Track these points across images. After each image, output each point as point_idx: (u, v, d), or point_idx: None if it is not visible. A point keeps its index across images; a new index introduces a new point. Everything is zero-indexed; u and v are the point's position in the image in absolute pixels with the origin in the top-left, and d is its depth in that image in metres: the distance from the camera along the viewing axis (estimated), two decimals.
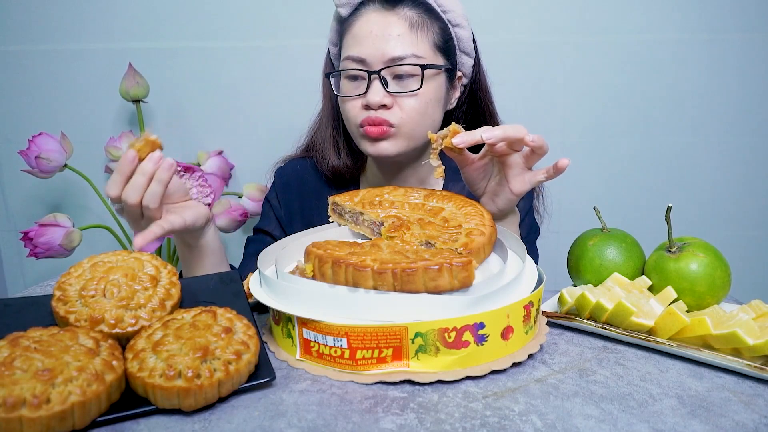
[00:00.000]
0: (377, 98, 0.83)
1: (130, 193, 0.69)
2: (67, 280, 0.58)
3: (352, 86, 0.87)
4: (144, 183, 0.69)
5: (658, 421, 0.49)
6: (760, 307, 0.64)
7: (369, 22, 0.85)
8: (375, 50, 0.83)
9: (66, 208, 1.42)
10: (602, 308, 0.65)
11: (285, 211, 1.00)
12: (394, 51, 0.83)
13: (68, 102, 1.36)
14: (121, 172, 0.69)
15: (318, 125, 1.00)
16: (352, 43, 0.86)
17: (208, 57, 1.33)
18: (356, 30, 0.86)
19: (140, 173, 0.69)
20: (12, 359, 0.46)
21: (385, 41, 0.83)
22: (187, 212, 0.77)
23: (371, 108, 0.85)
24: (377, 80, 0.84)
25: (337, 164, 0.97)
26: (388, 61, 0.83)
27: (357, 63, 0.85)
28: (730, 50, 1.32)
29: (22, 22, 1.33)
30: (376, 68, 0.84)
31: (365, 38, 0.84)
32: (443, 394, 0.53)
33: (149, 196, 0.69)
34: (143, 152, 0.69)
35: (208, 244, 0.83)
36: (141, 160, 0.69)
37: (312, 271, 0.61)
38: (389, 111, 0.85)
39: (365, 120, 0.85)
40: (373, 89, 0.84)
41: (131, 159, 0.68)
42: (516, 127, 0.70)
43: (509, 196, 0.76)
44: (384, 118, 0.84)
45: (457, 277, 0.56)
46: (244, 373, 0.52)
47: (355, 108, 0.87)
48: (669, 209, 0.70)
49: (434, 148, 0.75)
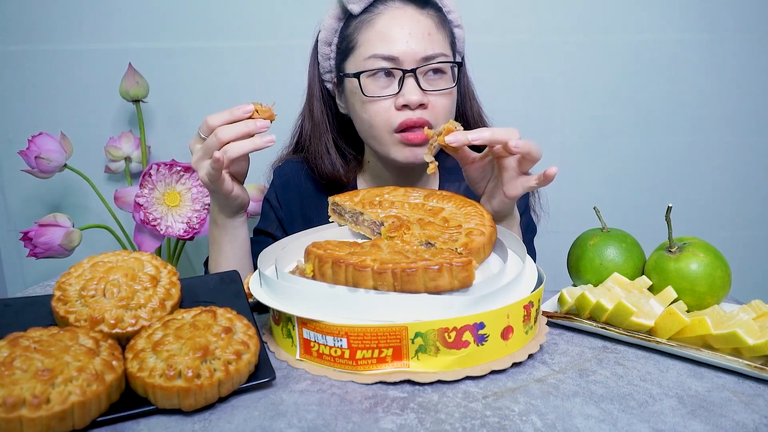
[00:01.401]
0: (416, 97, 0.82)
1: (227, 131, 0.71)
2: (67, 280, 0.58)
3: (379, 87, 0.84)
4: (243, 132, 0.72)
5: (658, 421, 0.49)
6: (760, 307, 0.64)
7: (397, 20, 0.83)
8: (408, 49, 0.82)
9: (66, 208, 1.42)
10: (602, 308, 0.65)
11: (285, 211, 1.00)
12: (426, 50, 0.82)
13: (68, 102, 1.36)
14: (231, 112, 0.72)
15: (309, 132, 0.96)
16: (379, 42, 0.83)
17: (208, 57, 1.33)
18: (381, 27, 0.84)
19: (245, 125, 0.72)
20: (12, 359, 0.46)
21: (418, 40, 0.82)
22: (236, 184, 0.79)
23: (409, 108, 0.83)
24: (412, 78, 0.82)
25: (330, 173, 0.95)
26: (421, 60, 0.82)
27: (387, 61, 0.83)
28: (730, 50, 1.32)
29: (22, 22, 1.33)
30: (410, 67, 0.82)
31: (396, 36, 0.82)
32: (443, 394, 0.53)
33: (236, 145, 0.71)
34: (258, 114, 0.73)
35: (234, 228, 0.84)
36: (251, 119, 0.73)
37: (312, 271, 0.61)
38: (427, 110, 0.84)
39: (405, 122, 0.83)
40: (410, 88, 0.82)
41: (247, 110, 0.72)
42: (507, 130, 0.69)
43: (502, 198, 0.75)
44: (425, 118, 0.83)
45: (457, 277, 0.56)
46: (244, 373, 0.52)
47: (386, 110, 0.84)
48: (669, 209, 0.70)
49: (430, 144, 0.75)
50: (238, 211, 0.83)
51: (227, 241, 0.85)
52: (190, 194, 1.17)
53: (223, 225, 0.84)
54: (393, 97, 0.84)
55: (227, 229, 0.84)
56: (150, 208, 1.14)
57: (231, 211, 0.82)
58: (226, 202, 0.80)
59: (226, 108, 0.73)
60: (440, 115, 0.85)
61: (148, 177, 1.13)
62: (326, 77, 0.95)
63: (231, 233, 0.84)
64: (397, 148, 0.86)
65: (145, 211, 1.13)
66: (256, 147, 0.72)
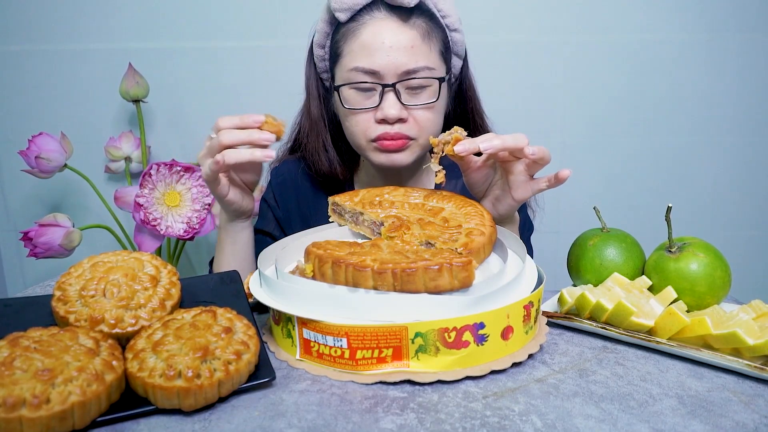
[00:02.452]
0: (394, 112, 0.81)
1: (228, 136, 0.72)
2: (67, 280, 0.58)
3: (361, 98, 0.84)
4: (243, 140, 0.72)
5: (658, 421, 0.49)
6: (760, 307, 0.64)
7: (380, 33, 0.82)
8: (388, 62, 0.81)
9: (66, 208, 1.42)
10: (602, 308, 0.65)
11: (283, 211, 1.00)
12: (408, 64, 0.81)
13: (68, 102, 1.36)
14: (241, 118, 0.73)
15: (306, 130, 0.96)
16: (361, 54, 0.82)
17: (208, 57, 1.33)
18: (365, 39, 0.82)
19: (248, 134, 0.72)
20: (12, 359, 0.46)
21: (400, 53, 0.81)
22: (237, 191, 0.79)
23: (387, 122, 0.83)
24: (392, 93, 0.82)
25: (327, 170, 0.95)
26: (403, 74, 0.81)
27: (368, 75, 0.82)
28: (730, 50, 1.32)
29: (22, 22, 1.33)
30: (390, 81, 0.81)
31: (377, 49, 0.81)
32: (443, 394, 0.53)
33: (233, 152, 0.72)
34: (267, 126, 0.73)
35: (235, 232, 0.84)
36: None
37: (312, 271, 0.61)
38: (406, 124, 0.84)
39: (383, 136, 0.83)
40: (389, 102, 0.82)
41: (257, 119, 0.73)
42: (516, 136, 0.69)
43: (510, 202, 0.75)
44: (403, 132, 0.83)
45: (457, 277, 0.56)
46: (244, 373, 0.52)
47: (365, 121, 0.84)
48: (669, 209, 0.70)
49: (435, 153, 0.74)
50: (237, 216, 0.83)
51: (228, 242, 0.85)
52: (190, 194, 1.17)
53: (224, 226, 0.85)
54: (373, 110, 0.84)
55: (228, 231, 0.84)
56: (150, 208, 1.14)
57: (229, 215, 0.83)
58: (223, 205, 0.80)
59: (225, 108, 0.74)
60: (423, 129, 0.85)
61: (148, 177, 1.13)
62: (323, 76, 0.95)
63: (232, 236, 0.84)
64: (374, 153, 0.87)
65: (145, 211, 1.13)
66: (253, 158, 0.72)
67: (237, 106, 1.34)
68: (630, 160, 1.38)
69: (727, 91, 1.34)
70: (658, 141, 1.37)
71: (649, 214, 1.22)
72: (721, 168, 1.38)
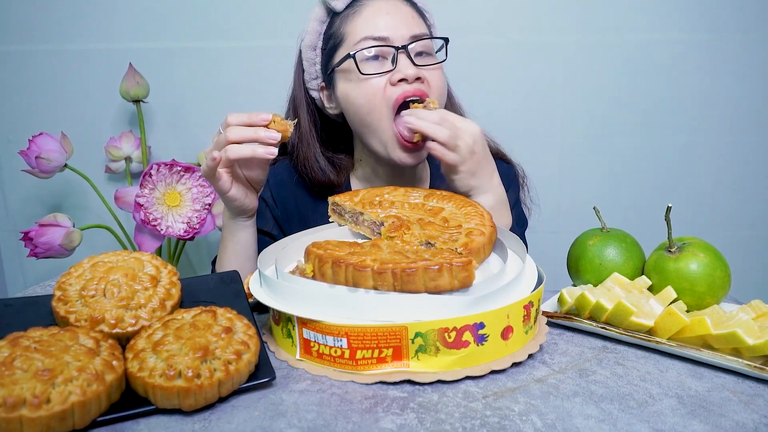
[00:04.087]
0: (412, 71, 0.83)
1: (234, 132, 0.72)
2: (67, 280, 0.58)
3: (372, 67, 0.86)
4: (248, 137, 0.72)
5: (658, 421, 0.49)
6: (760, 307, 0.64)
7: (381, 8, 0.86)
8: (396, 29, 0.85)
9: (66, 208, 1.42)
10: (602, 308, 0.65)
11: (281, 209, 1.00)
12: (413, 29, 0.85)
13: (68, 102, 1.36)
14: (249, 116, 0.73)
15: (296, 141, 0.97)
16: (366, 26, 0.86)
17: (208, 57, 1.33)
18: (367, 15, 0.86)
19: (254, 131, 0.73)
20: (12, 359, 0.47)
21: (404, 23, 0.86)
22: (240, 187, 0.79)
23: (406, 81, 0.84)
24: (404, 54, 0.84)
25: (321, 179, 0.96)
26: (411, 37, 0.85)
27: (378, 41, 0.85)
28: (730, 50, 1.32)
29: (22, 22, 1.33)
30: (400, 44, 0.84)
31: (382, 19, 0.85)
32: (443, 394, 0.53)
33: (235, 147, 0.72)
34: (274, 125, 0.73)
35: (237, 230, 0.84)
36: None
37: (312, 271, 0.61)
38: (423, 85, 0.85)
39: (403, 94, 0.83)
40: (405, 63, 0.84)
41: (264, 118, 0.73)
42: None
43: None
44: (423, 89, 0.85)
45: (457, 277, 0.56)
46: (244, 373, 0.52)
47: (382, 88, 0.85)
48: (669, 209, 0.70)
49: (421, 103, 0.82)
50: (239, 213, 0.83)
51: (230, 241, 0.85)
52: (190, 194, 1.17)
53: (227, 223, 0.85)
54: (387, 74, 0.85)
55: (230, 229, 0.85)
56: (150, 208, 1.14)
57: (232, 212, 0.83)
58: (224, 201, 0.81)
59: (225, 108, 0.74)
60: (435, 90, 0.87)
61: (149, 177, 1.13)
62: (311, 85, 0.96)
63: (234, 233, 0.85)
64: (397, 150, 0.87)
65: (145, 211, 1.13)
66: (254, 154, 0.72)
67: (237, 107, 1.31)
68: (630, 160, 1.38)
69: (727, 91, 1.34)
70: (658, 141, 1.37)
71: (649, 214, 1.22)
72: (721, 168, 1.38)
